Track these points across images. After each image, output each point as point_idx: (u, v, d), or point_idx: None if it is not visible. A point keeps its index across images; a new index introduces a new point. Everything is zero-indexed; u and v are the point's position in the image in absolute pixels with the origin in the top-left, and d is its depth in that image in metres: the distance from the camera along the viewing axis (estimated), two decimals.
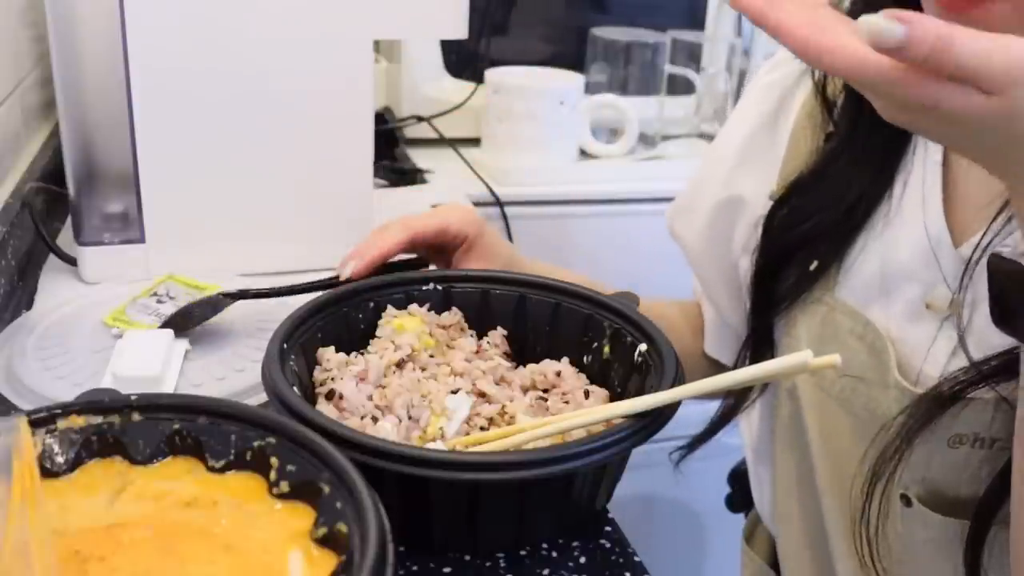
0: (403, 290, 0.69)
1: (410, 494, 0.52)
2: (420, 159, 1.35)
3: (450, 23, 0.87)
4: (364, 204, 0.91)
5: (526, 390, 0.64)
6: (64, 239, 0.93)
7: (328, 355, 0.63)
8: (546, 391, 0.63)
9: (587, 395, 0.62)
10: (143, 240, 0.85)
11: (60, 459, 0.47)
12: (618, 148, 1.37)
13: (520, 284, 0.70)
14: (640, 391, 0.59)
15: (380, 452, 0.50)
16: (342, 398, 0.59)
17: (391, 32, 0.93)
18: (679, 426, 0.61)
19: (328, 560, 0.42)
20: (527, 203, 1.30)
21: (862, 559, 0.64)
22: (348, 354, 0.64)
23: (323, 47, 0.84)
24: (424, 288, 0.69)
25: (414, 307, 0.68)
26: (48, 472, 0.47)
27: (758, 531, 0.85)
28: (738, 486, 1.02)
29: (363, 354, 0.64)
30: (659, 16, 1.54)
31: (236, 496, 0.46)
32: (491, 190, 1.28)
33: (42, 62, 1.09)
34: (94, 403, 0.49)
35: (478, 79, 1.37)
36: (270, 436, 0.47)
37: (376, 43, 1.28)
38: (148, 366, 0.66)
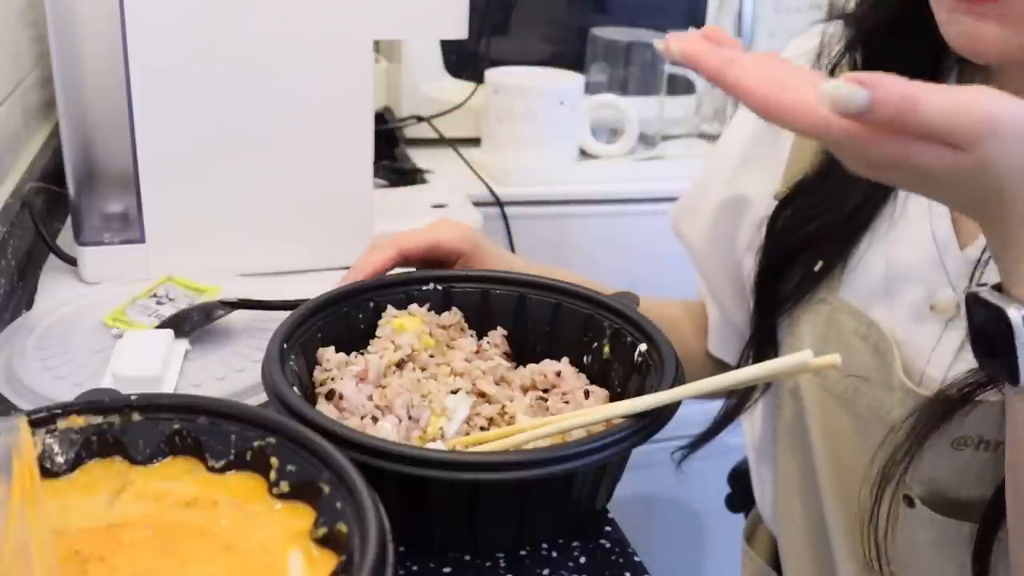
0: (403, 290, 0.69)
1: (410, 494, 0.52)
2: (420, 159, 1.35)
3: (450, 23, 0.87)
4: (364, 204, 0.90)
5: (526, 390, 0.63)
6: (64, 239, 0.92)
7: (328, 355, 0.63)
8: (546, 391, 0.63)
9: (587, 395, 0.62)
10: (143, 240, 0.85)
11: (60, 459, 0.47)
12: (618, 148, 1.37)
13: (520, 284, 0.70)
14: (640, 391, 0.59)
15: (380, 452, 0.50)
16: (342, 398, 0.59)
17: (391, 32, 0.93)
18: (679, 426, 0.61)
19: (328, 560, 0.42)
20: (527, 203, 1.30)
21: (869, 561, 0.63)
22: (348, 354, 0.64)
23: (323, 47, 0.84)
24: (424, 288, 0.69)
25: (414, 307, 0.68)
26: (48, 472, 0.47)
27: (759, 531, 0.85)
28: (738, 486, 1.02)
29: (363, 354, 0.64)
30: (659, 16, 1.54)
31: (236, 496, 0.46)
32: (491, 190, 1.28)
33: (42, 62, 1.09)
34: (94, 403, 0.49)
35: (478, 79, 1.37)
36: (270, 436, 0.47)
37: (376, 43, 1.28)
38: (148, 366, 0.66)
